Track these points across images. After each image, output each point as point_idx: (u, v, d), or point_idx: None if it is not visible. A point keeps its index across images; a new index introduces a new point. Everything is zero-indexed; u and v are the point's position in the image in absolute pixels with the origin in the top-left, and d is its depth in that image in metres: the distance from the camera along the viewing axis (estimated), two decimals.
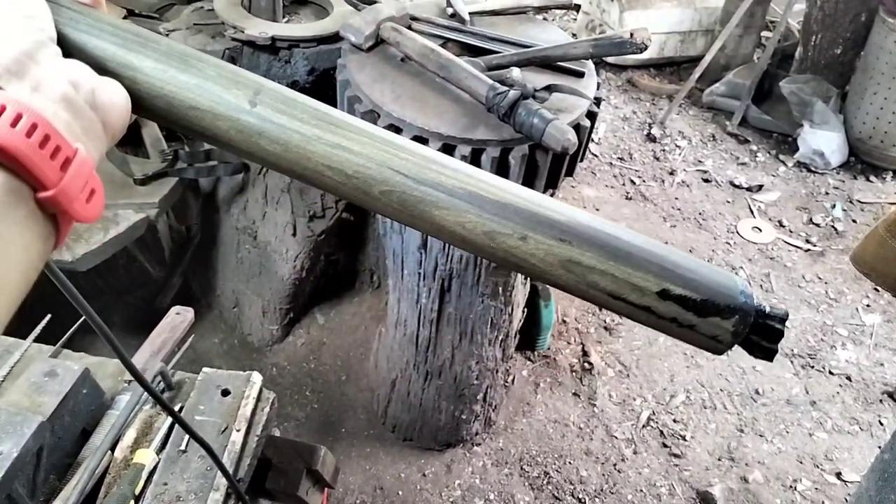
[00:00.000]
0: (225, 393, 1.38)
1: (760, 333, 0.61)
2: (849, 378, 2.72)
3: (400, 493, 2.31)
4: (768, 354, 0.63)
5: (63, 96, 0.47)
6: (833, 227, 3.45)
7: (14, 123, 0.42)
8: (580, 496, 2.30)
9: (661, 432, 2.50)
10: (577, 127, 1.60)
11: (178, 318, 1.55)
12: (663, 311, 0.58)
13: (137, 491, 1.21)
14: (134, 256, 2.66)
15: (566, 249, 0.57)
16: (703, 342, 0.61)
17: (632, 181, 3.67)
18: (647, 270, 0.57)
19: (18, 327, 1.38)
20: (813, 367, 2.76)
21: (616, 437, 2.48)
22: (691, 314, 0.58)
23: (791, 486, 2.35)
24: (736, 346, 0.62)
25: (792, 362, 2.77)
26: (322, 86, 2.12)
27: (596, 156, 3.83)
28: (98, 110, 0.50)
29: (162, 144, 2.30)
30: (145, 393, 1.35)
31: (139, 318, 2.61)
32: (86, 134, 0.49)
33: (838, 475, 2.39)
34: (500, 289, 1.94)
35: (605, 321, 2.88)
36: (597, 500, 2.30)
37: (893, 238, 1.17)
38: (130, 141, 2.36)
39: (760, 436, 2.51)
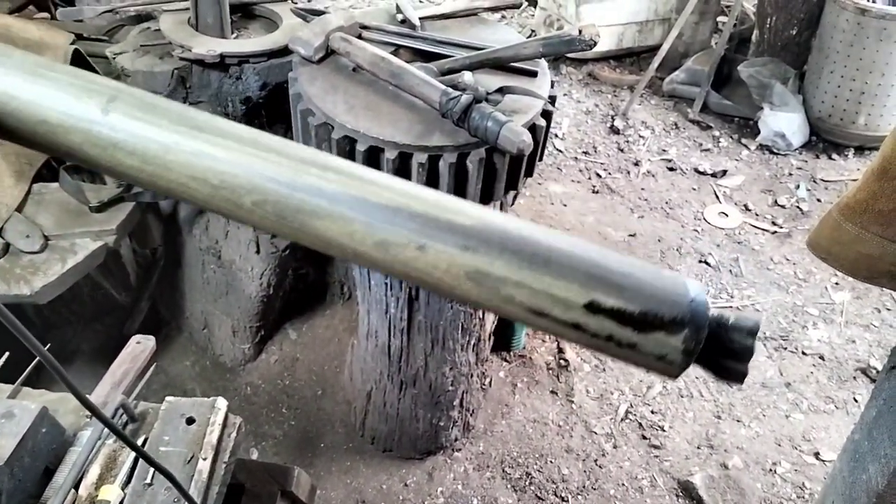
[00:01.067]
0: (190, 421, 1.35)
1: (722, 350, 0.50)
2: (822, 357, 2.74)
3: None
4: (736, 376, 0.51)
5: None
6: (798, 207, 3.49)
7: None
8: (563, 495, 2.30)
9: (640, 424, 2.51)
10: (532, 127, 1.60)
11: (139, 347, 1.51)
12: (596, 328, 0.49)
13: None
14: (99, 283, 2.62)
15: (472, 258, 0.48)
16: (649, 363, 0.50)
17: (598, 174, 3.68)
18: (570, 279, 0.48)
19: None
20: (786, 348, 2.78)
21: (595, 433, 2.48)
22: (629, 329, 0.48)
23: (771, 470, 2.37)
24: (694, 365, 0.50)
25: (765, 345, 2.79)
26: (276, 100, 2.09)
27: (561, 151, 3.84)
28: None
29: None
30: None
31: (109, 345, 2.56)
32: None
33: (816, 455, 2.41)
34: None
35: None
36: (579, 497, 2.29)
37: (847, 221, 1.17)
38: (85, 168, 2.32)
39: (738, 421, 2.52)
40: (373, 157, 1.53)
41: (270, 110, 2.15)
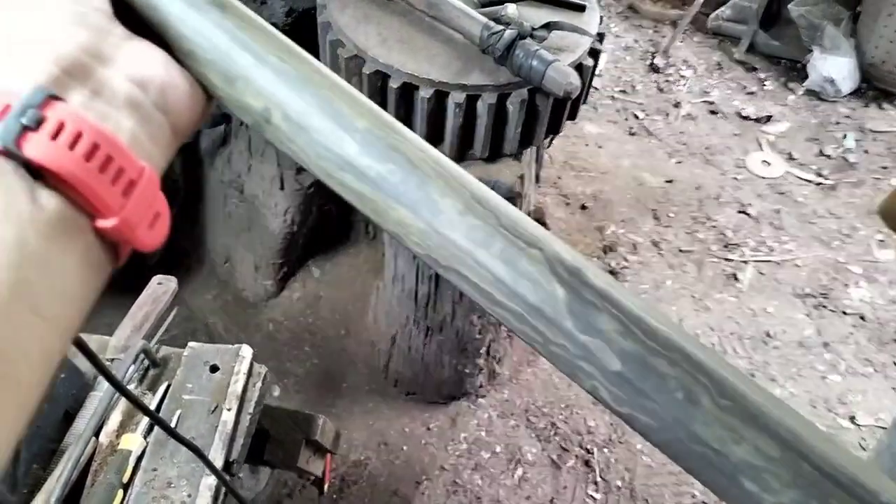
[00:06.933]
0: (213, 369, 1.30)
1: None
2: (863, 318, 2.65)
3: (405, 447, 2.27)
4: None
5: (128, 100, 0.39)
6: (845, 158, 3.33)
7: (72, 145, 0.35)
8: (588, 447, 2.26)
9: None
10: (579, 67, 1.48)
11: (161, 288, 1.45)
12: None
13: (126, 479, 1.14)
14: None
15: None
16: None
17: (635, 115, 3.53)
18: None
19: None
20: (825, 307, 2.68)
21: None
22: None
23: None
24: None
25: (804, 302, 2.69)
26: (302, 28, 1.97)
27: (597, 89, 3.68)
28: (168, 113, 0.42)
29: None
30: (129, 369, 1.27)
31: (128, 277, 2.53)
32: (153, 143, 0.41)
33: (852, 419, 2.34)
34: None
35: (609, 265, 2.80)
36: (605, 450, 2.26)
37: None
38: None
39: (772, 380, 2.45)
40: (406, 95, 1.43)
41: (297, 39, 2.03)
